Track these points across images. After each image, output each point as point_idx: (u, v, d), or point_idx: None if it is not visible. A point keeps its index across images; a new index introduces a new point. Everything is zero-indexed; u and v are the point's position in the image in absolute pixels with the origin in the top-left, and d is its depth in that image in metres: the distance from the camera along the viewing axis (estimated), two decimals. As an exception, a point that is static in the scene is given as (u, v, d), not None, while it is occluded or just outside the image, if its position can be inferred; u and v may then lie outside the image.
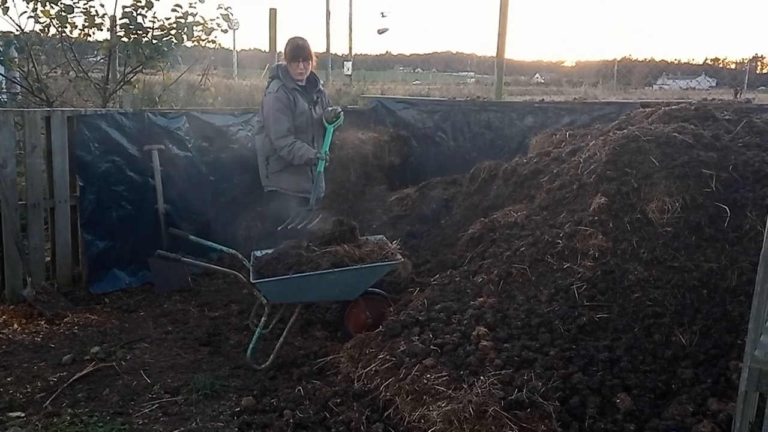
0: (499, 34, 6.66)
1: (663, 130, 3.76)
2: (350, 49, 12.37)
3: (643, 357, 2.88)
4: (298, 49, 4.59)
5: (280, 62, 4.80)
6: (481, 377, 2.73)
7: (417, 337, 3.14)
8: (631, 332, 3.01)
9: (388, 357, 3.08)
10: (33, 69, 6.05)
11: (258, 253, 3.84)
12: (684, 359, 2.84)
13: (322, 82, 4.93)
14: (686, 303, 3.06)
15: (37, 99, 6.15)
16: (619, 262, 3.29)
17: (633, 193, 3.50)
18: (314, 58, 4.71)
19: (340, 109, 4.79)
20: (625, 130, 3.95)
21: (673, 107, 4.28)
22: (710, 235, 3.27)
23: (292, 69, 4.58)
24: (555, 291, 3.29)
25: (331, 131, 4.67)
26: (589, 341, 2.98)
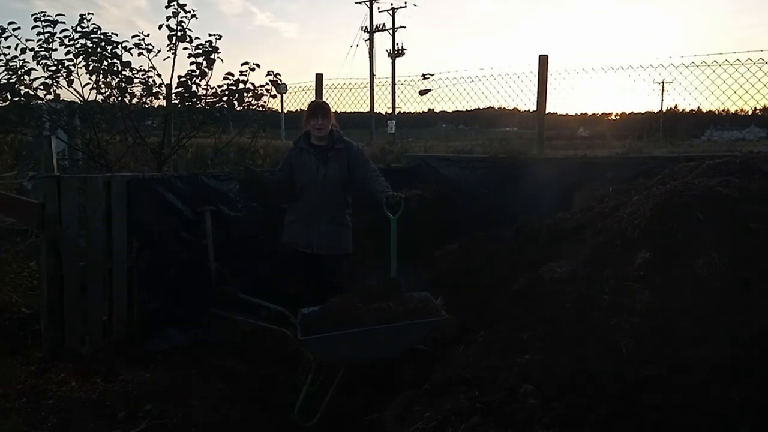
0: (538, 92, 6.79)
1: (707, 184, 3.75)
2: (393, 109, 12.74)
3: (697, 415, 2.81)
4: (314, 106, 4.88)
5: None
6: (529, 436, 2.70)
7: (463, 395, 3.12)
8: (684, 390, 2.94)
9: (434, 415, 3.07)
10: (94, 136, 6.42)
11: (305, 311, 3.92)
12: (741, 419, 2.75)
13: (352, 142, 4.87)
14: (739, 360, 2.98)
15: (97, 164, 6.50)
16: (667, 318, 3.24)
17: (679, 248, 3.47)
18: (332, 117, 4.85)
19: (403, 196, 4.39)
20: (668, 185, 3.95)
21: (717, 161, 4.25)
22: (762, 290, 3.20)
23: (310, 126, 4.77)
24: (603, 348, 3.25)
25: (396, 224, 4.31)
26: (640, 399, 2.93)
